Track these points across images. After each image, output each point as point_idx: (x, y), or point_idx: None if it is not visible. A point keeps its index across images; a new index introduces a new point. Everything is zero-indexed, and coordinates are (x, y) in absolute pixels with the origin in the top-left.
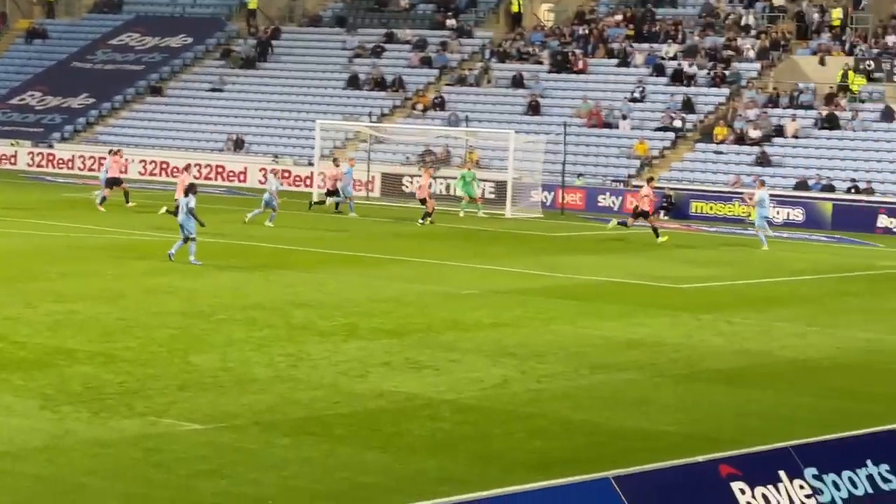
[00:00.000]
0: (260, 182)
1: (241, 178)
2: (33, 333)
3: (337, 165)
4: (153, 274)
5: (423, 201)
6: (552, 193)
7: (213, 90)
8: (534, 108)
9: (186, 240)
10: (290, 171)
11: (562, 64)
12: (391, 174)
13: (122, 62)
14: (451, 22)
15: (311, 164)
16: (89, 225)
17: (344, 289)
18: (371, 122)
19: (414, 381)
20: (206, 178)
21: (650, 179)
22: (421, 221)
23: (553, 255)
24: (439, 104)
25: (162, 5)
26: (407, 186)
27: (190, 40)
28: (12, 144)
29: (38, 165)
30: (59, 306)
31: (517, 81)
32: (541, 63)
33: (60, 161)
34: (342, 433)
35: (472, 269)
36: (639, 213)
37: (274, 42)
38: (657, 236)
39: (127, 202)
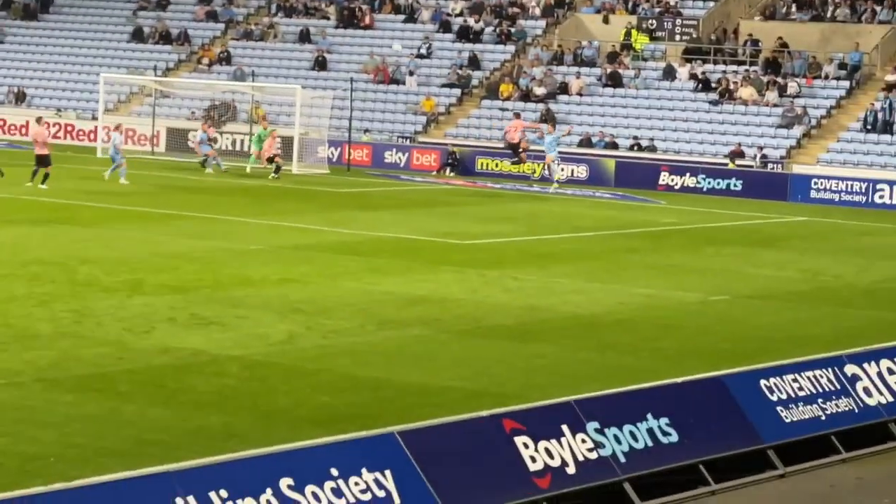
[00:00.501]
0: (103, 141)
1: (23, 131)
2: None
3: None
4: None
5: (270, 160)
6: (339, 149)
7: None
8: (321, 64)
9: None
10: (73, 125)
11: (349, 19)
12: (176, 129)
13: None
14: None
15: (94, 117)
16: None
17: (129, 245)
18: (156, 76)
19: (199, 337)
20: None
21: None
22: (274, 175)
23: (340, 212)
24: (225, 59)
25: None
26: (191, 141)
27: None
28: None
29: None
30: None
31: (304, 36)
32: (328, 18)
33: None
34: (126, 390)
35: (259, 225)
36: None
37: None
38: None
39: None
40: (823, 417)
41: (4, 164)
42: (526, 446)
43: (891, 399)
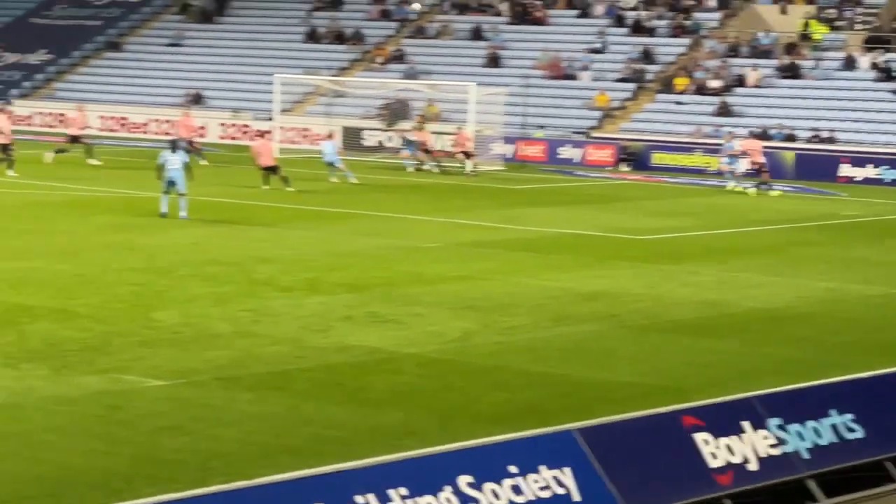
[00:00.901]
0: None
1: (202, 133)
2: None
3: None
4: (113, 230)
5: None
6: (513, 146)
7: (172, 45)
8: (494, 61)
9: (167, 193)
10: (249, 126)
11: (521, 15)
12: (352, 128)
13: (81, 17)
14: None
15: (270, 118)
16: (49, 182)
17: (305, 244)
18: (330, 76)
19: (376, 335)
20: (166, 133)
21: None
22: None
23: (515, 208)
24: (399, 57)
25: None
26: (367, 140)
27: None
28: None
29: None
30: (19, 263)
31: (477, 33)
32: (500, 15)
33: (19, 118)
34: (305, 388)
35: (434, 223)
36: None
37: None
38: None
39: (90, 158)
40: None
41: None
42: (706, 443)
43: None
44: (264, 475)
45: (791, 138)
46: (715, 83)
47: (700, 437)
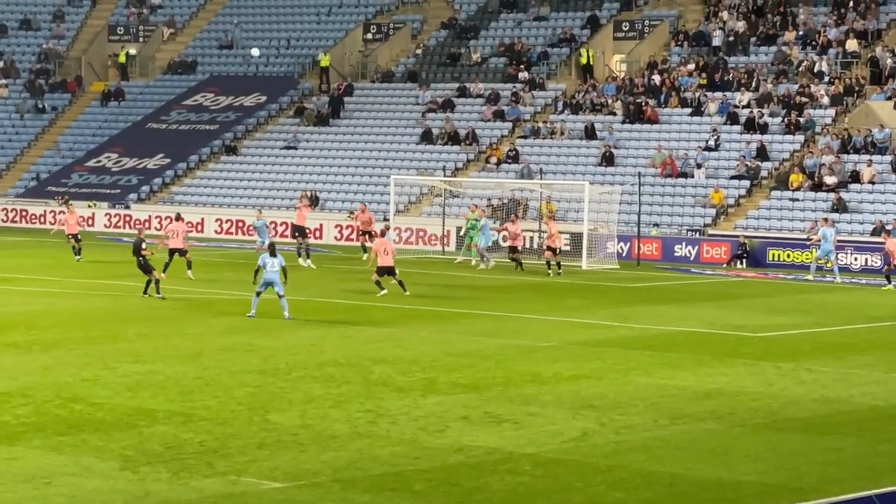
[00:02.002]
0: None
1: (317, 234)
2: (112, 394)
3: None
4: (231, 332)
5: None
6: (628, 244)
7: (288, 148)
8: (608, 159)
9: (259, 295)
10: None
11: (635, 114)
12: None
13: (197, 122)
14: (523, 75)
15: (385, 219)
16: (166, 285)
17: (421, 344)
18: (445, 176)
19: (493, 435)
20: (282, 235)
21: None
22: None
23: (630, 306)
24: (513, 157)
25: (235, 65)
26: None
27: (263, 99)
28: (90, 206)
29: (115, 226)
30: (137, 367)
31: (590, 132)
32: (614, 114)
33: (137, 221)
34: (422, 489)
35: (549, 322)
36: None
37: (347, 98)
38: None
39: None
40: None
41: (299, 268)
42: None
43: None
44: None
45: None
46: (830, 179)
47: None
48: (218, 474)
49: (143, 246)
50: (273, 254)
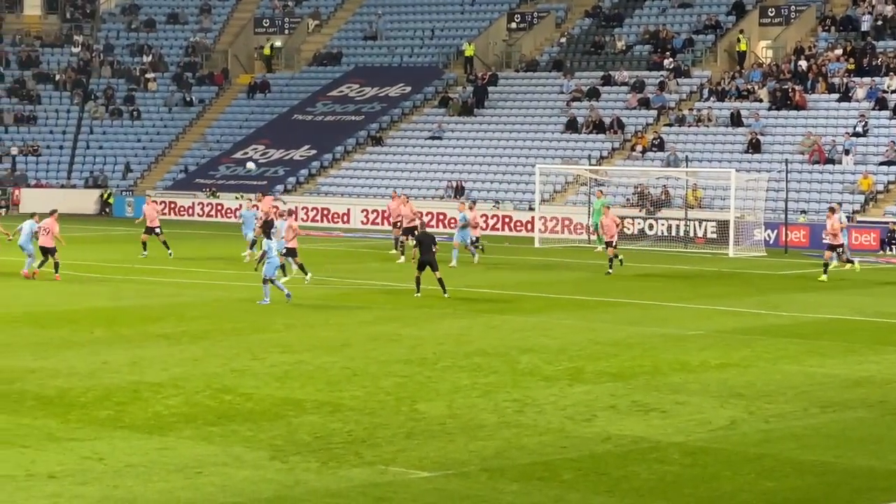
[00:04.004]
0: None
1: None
2: (261, 385)
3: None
4: (377, 322)
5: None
6: (775, 231)
7: (433, 138)
8: (754, 146)
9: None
10: (510, 216)
11: (781, 100)
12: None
13: (342, 113)
14: (668, 62)
15: (531, 208)
16: (318, 275)
17: (568, 333)
18: (590, 164)
19: (641, 423)
20: (429, 225)
21: None
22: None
23: (777, 294)
24: (658, 145)
25: (380, 55)
26: (628, 229)
27: (408, 89)
28: (237, 198)
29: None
30: (285, 357)
31: (736, 119)
32: (760, 101)
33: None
34: (570, 478)
35: (696, 310)
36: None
37: (491, 88)
38: None
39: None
40: None
41: (449, 256)
42: None
43: None
44: None
45: None
46: None
47: None
48: (366, 464)
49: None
50: (270, 237)
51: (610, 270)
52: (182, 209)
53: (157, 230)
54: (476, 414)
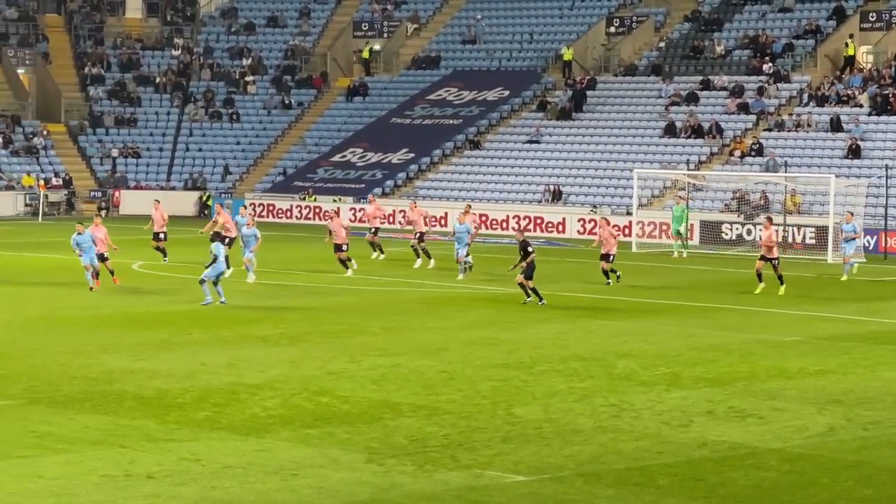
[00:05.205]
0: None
1: (560, 228)
2: (358, 387)
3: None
4: (474, 326)
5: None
6: (874, 238)
7: (530, 142)
8: (854, 152)
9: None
10: (608, 221)
11: (882, 106)
12: (710, 222)
13: (441, 117)
14: (767, 67)
15: (629, 213)
16: (409, 279)
17: (665, 338)
18: (688, 169)
19: (738, 430)
20: (525, 229)
21: None
22: None
23: (877, 301)
24: (757, 150)
25: (479, 59)
26: (726, 234)
27: (506, 93)
28: (335, 201)
29: (360, 221)
30: (382, 360)
31: (836, 125)
32: (860, 106)
33: (388, 216)
34: (666, 483)
35: (794, 316)
36: None
37: (589, 92)
38: None
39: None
40: None
41: (546, 262)
42: None
43: None
44: None
45: None
46: None
47: None
48: (462, 467)
49: None
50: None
51: (609, 282)
52: (280, 212)
53: (162, 235)
54: (572, 418)
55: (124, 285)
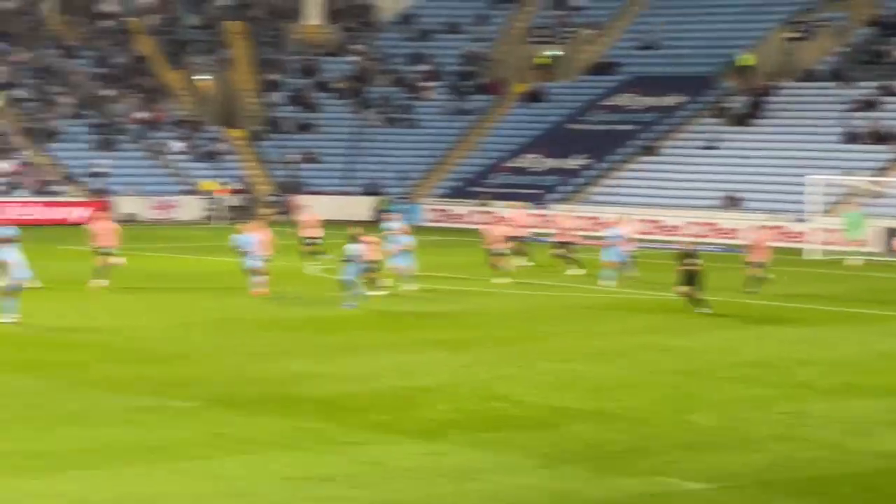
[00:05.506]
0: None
1: (734, 235)
2: (531, 392)
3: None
4: (648, 332)
5: None
6: None
7: (707, 148)
8: None
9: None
10: (784, 227)
11: None
12: (892, 229)
13: (617, 123)
14: None
15: (806, 220)
16: (583, 284)
17: (842, 345)
18: (869, 176)
19: None
20: (698, 235)
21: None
22: None
23: None
24: None
25: (657, 65)
26: None
27: (683, 99)
28: (509, 207)
29: (534, 227)
30: (556, 365)
31: None
32: None
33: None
34: (846, 494)
35: None
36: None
37: (768, 98)
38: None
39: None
40: None
41: (720, 269)
42: None
43: None
44: None
45: None
46: None
47: None
48: (638, 474)
49: None
50: None
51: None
52: (456, 217)
53: (315, 239)
54: (749, 426)
55: (300, 290)
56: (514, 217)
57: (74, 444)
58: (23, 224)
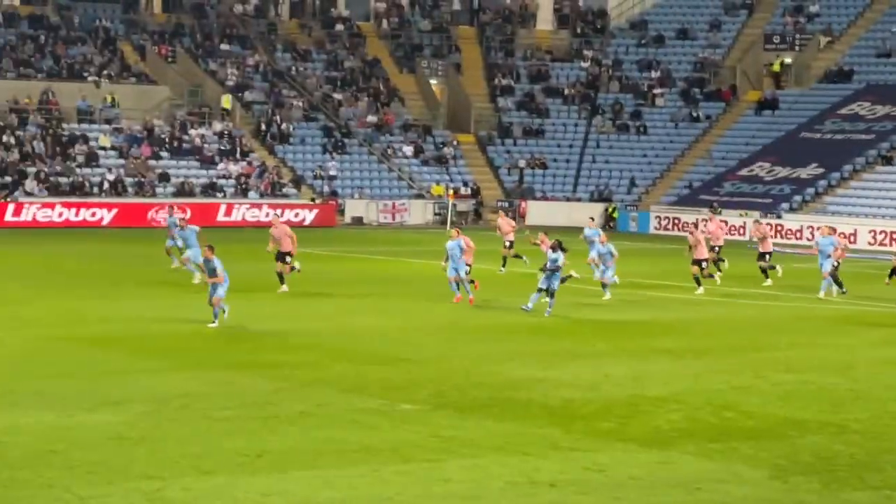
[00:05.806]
0: None
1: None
2: (763, 403)
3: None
4: (884, 345)
5: None
6: None
7: None
8: None
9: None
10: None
11: None
12: None
13: (851, 131)
14: None
15: None
16: (811, 294)
17: None
18: None
19: None
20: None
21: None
22: None
23: None
24: None
25: (893, 73)
26: None
27: None
28: (741, 215)
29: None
30: (789, 376)
31: None
32: None
33: (788, 231)
34: None
35: None
36: None
37: None
38: None
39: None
40: None
41: None
42: None
43: None
44: None
45: None
46: None
47: None
48: (870, 488)
49: None
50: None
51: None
52: (685, 225)
53: (508, 243)
54: None
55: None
56: (712, 230)
57: (300, 444)
58: (252, 226)
